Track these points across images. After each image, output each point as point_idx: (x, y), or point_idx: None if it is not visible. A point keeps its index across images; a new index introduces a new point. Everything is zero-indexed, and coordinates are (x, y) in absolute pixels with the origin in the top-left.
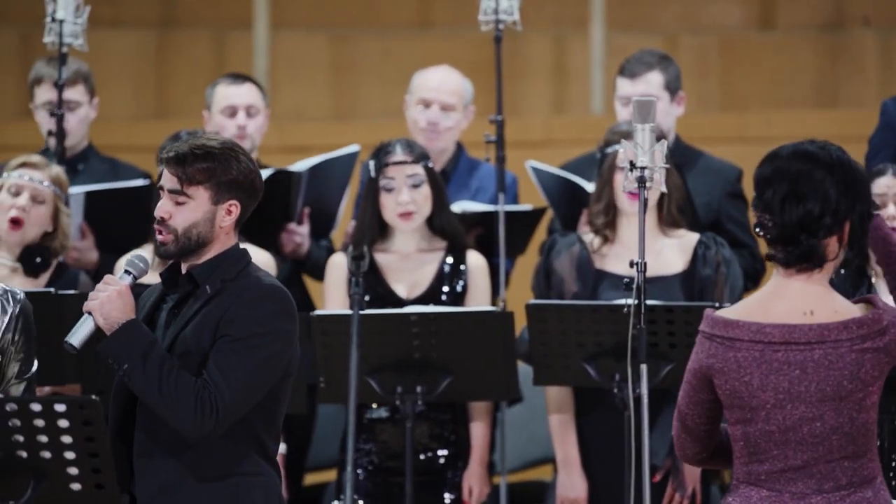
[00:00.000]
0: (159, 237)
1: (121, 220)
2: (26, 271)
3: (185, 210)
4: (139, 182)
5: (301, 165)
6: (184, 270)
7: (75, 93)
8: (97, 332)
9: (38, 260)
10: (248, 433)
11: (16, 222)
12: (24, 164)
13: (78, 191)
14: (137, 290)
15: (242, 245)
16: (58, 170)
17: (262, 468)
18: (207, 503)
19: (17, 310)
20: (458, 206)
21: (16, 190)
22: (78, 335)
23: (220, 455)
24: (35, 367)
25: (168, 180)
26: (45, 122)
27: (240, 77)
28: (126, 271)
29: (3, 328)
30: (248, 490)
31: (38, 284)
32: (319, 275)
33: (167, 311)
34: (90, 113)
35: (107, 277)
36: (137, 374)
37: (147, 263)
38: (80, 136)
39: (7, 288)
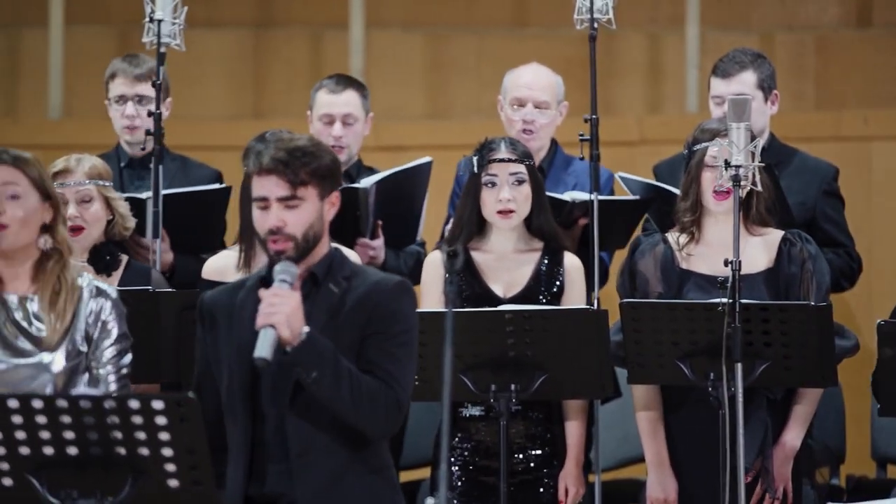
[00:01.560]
0: (274, 246)
1: (195, 222)
2: (97, 271)
3: (300, 213)
4: (216, 186)
5: (367, 181)
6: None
7: (147, 88)
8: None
9: (108, 258)
10: None
11: (75, 230)
12: (58, 174)
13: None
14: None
15: None
16: (91, 162)
17: (391, 461)
18: (369, 496)
19: (107, 308)
20: (568, 195)
21: (63, 199)
22: (266, 349)
23: (375, 449)
24: (129, 368)
25: (275, 188)
26: (118, 118)
27: (341, 83)
28: (282, 280)
29: (90, 327)
30: (393, 483)
31: (111, 283)
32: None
33: None
34: (164, 111)
35: (275, 290)
36: (328, 381)
37: (297, 270)
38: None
39: (98, 284)
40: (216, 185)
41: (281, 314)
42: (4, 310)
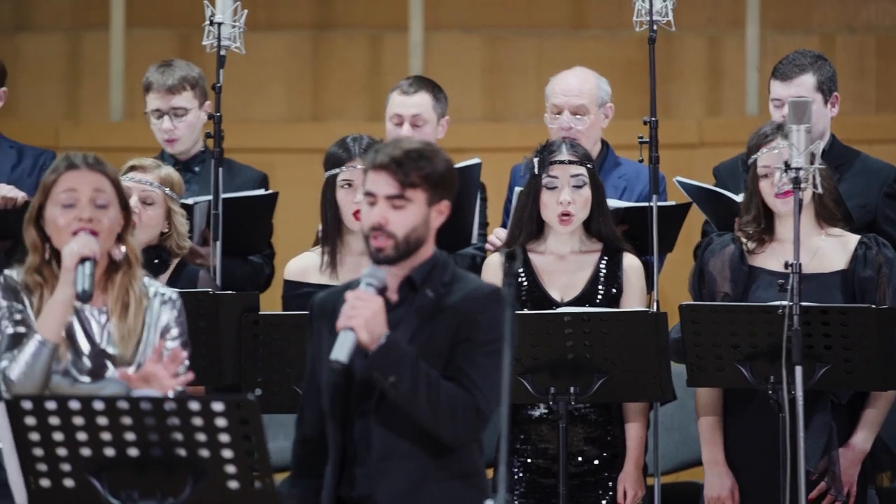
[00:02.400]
0: (375, 243)
1: (243, 226)
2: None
3: (404, 214)
4: (265, 192)
5: None
6: (391, 275)
7: (182, 99)
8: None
9: (156, 261)
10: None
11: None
12: (132, 168)
13: (203, 199)
14: (303, 290)
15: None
16: (168, 171)
17: (482, 468)
18: (452, 502)
19: (172, 313)
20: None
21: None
22: (343, 352)
23: (459, 456)
24: (185, 368)
25: (384, 185)
26: (157, 131)
27: (415, 84)
28: (368, 283)
29: (157, 334)
30: (479, 491)
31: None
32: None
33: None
34: (201, 117)
35: (358, 293)
36: (406, 386)
37: (385, 274)
38: (192, 141)
39: (164, 292)
40: (263, 192)
41: (360, 317)
42: (79, 321)
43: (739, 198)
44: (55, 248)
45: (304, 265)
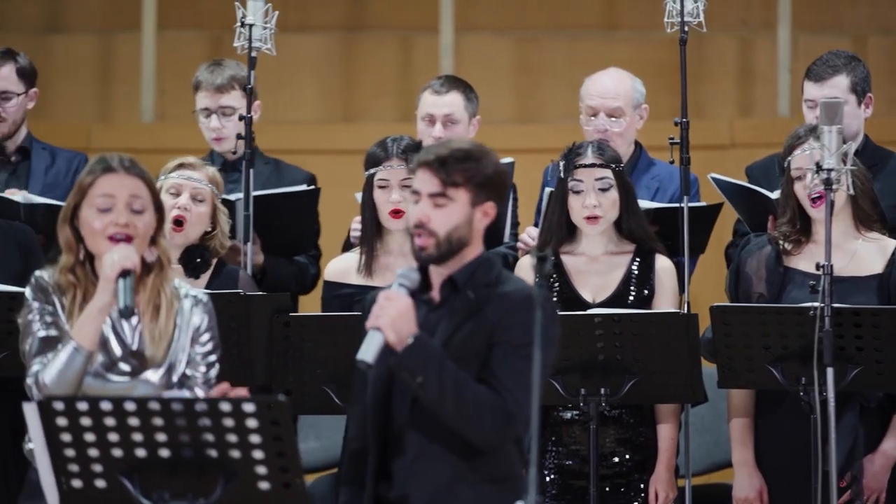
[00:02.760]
0: (417, 241)
1: (286, 225)
2: (187, 272)
3: (446, 213)
4: (305, 187)
5: None
6: (435, 274)
7: (230, 98)
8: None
9: (199, 260)
10: (516, 437)
11: (178, 223)
12: (181, 165)
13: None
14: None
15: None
16: (213, 170)
17: (521, 472)
18: None
19: (203, 315)
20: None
21: (175, 190)
22: (370, 352)
23: (492, 459)
24: (217, 370)
25: (427, 183)
26: (205, 129)
27: (447, 84)
28: (400, 284)
29: (189, 335)
30: (516, 494)
31: (199, 284)
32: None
33: (423, 316)
34: (253, 116)
35: (387, 293)
36: (433, 386)
37: (418, 275)
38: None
39: (191, 292)
40: (304, 187)
41: (387, 317)
42: (111, 322)
43: (775, 195)
44: (88, 250)
45: (343, 266)
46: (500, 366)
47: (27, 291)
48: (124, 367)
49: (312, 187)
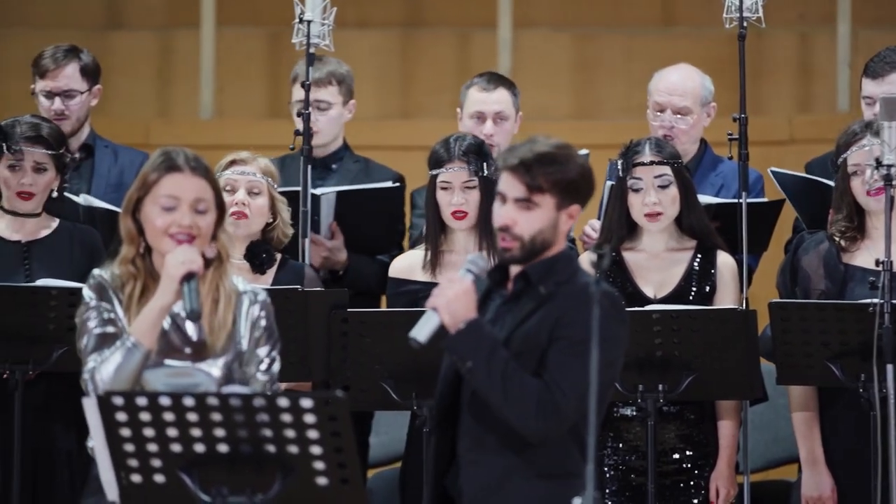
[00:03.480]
0: (502, 244)
1: (370, 221)
2: (253, 268)
3: (532, 217)
4: (390, 184)
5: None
6: (513, 267)
7: (326, 93)
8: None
9: (264, 255)
10: (574, 433)
11: (239, 215)
12: (233, 162)
13: (329, 191)
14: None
15: None
16: (265, 161)
17: (581, 469)
18: (535, 501)
19: (261, 311)
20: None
21: (231, 187)
22: (423, 331)
23: (548, 454)
24: (278, 366)
25: (513, 188)
26: (299, 121)
27: (493, 81)
28: (468, 270)
29: (248, 330)
30: (574, 490)
31: (265, 280)
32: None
33: (496, 308)
34: (344, 114)
35: (451, 276)
36: (482, 372)
37: (487, 263)
38: (332, 136)
39: (248, 288)
40: (388, 184)
41: (444, 298)
42: (170, 315)
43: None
44: (148, 243)
45: (409, 263)
46: (556, 361)
47: (85, 289)
48: (183, 359)
49: (397, 184)
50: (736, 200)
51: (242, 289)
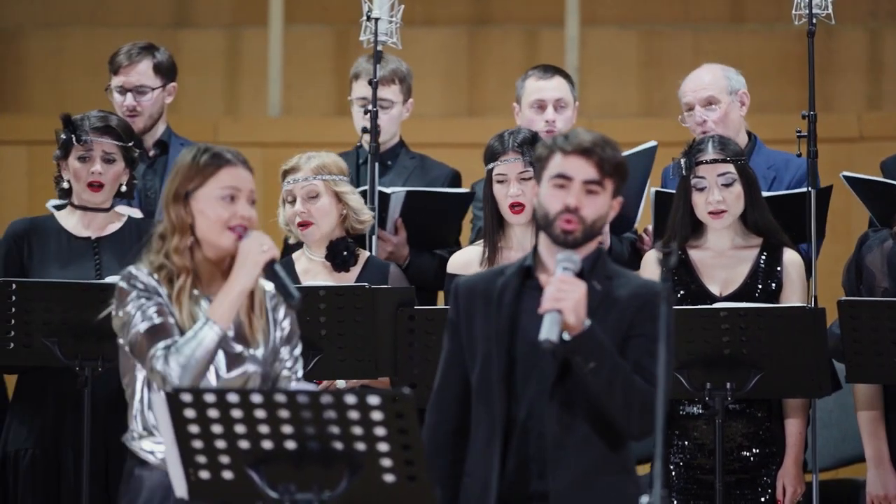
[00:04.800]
0: (567, 226)
1: (433, 220)
2: (335, 267)
3: (597, 201)
4: (461, 190)
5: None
6: (550, 260)
7: (389, 92)
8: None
9: (345, 253)
10: None
11: (303, 225)
12: (287, 172)
13: (400, 190)
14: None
15: None
16: (318, 158)
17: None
18: (618, 497)
19: (285, 308)
20: None
21: (291, 197)
22: (553, 332)
23: (623, 451)
24: (301, 364)
25: (583, 170)
26: (359, 118)
27: (549, 70)
28: (565, 267)
29: (276, 329)
30: (639, 485)
31: (349, 279)
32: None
33: (537, 300)
34: (403, 113)
35: (563, 276)
36: (603, 373)
37: (579, 260)
38: (391, 133)
39: (268, 287)
40: (461, 190)
41: (570, 300)
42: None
43: None
44: (196, 235)
45: (467, 258)
46: (647, 358)
47: (122, 283)
48: (235, 348)
49: (468, 191)
50: (797, 190)
51: (269, 288)
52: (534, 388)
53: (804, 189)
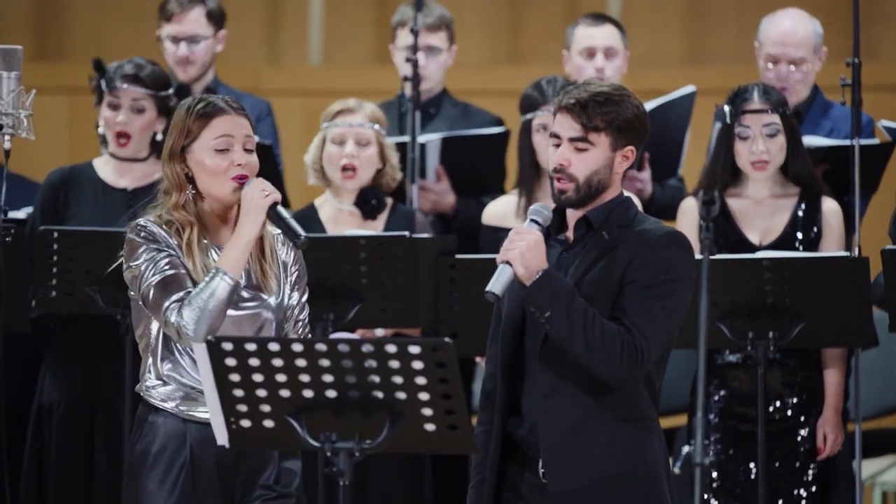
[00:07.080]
0: (558, 185)
1: (475, 165)
2: (363, 215)
3: (587, 157)
4: (495, 130)
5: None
6: (571, 215)
7: (437, 39)
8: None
9: (374, 202)
10: (647, 377)
11: (348, 169)
12: (340, 112)
13: (434, 137)
14: (501, 234)
15: None
16: (372, 107)
17: (654, 413)
18: (612, 445)
19: (294, 254)
20: (805, 140)
21: (339, 139)
22: (498, 284)
23: (623, 398)
24: (307, 311)
25: (568, 128)
26: (403, 66)
27: (600, 18)
28: (532, 220)
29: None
30: (648, 434)
31: (376, 227)
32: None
33: (556, 256)
34: (448, 60)
35: (518, 228)
36: (561, 321)
37: (550, 213)
38: (436, 81)
39: (276, 231)
40: (494, 129)
41: (516, 251)
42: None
43: None
44: (198, 189)
45: (501, 209)
46: (632, 304)
47: (132, 237)
48: (245, 295)
49: (501, 129)
50: (845, 142)
51: (275, 231)
52: (534, 342)
53: (874, 141)
